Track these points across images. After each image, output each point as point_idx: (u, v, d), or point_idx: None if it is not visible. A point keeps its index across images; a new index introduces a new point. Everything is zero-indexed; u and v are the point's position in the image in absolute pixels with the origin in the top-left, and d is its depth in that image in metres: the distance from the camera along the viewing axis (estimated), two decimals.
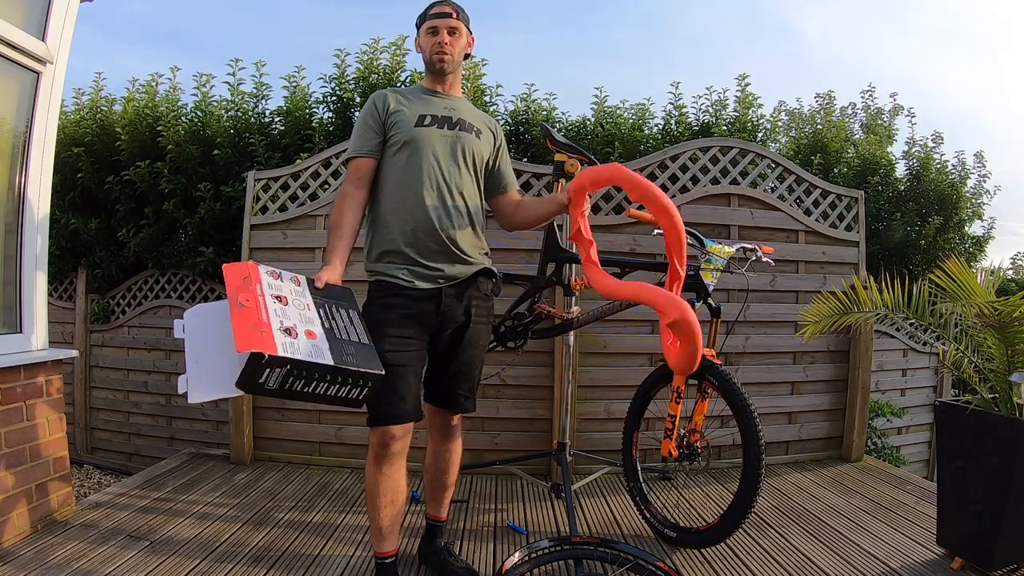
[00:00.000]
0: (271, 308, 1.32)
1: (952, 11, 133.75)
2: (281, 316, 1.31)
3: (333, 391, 1.32)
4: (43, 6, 2.13)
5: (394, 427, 1.55)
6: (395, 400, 1.54)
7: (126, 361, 3.98)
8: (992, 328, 1.91)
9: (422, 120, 1.66)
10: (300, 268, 2.98)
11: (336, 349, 1.33)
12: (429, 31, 1.70)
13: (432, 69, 1.73)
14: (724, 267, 2.06)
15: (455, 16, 1.70)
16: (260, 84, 3.72)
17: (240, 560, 1.90)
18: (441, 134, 1.67)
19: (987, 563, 1.80)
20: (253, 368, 1.19)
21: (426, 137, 1.64)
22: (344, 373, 1.31)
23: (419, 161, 1.63)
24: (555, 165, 2.24)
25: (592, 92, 3.76)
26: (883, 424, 3.57)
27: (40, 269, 2.18)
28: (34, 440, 2.07)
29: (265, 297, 1.34)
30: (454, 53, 1.71)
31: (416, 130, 1.64)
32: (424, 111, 1.68)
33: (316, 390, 1.30)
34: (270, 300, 1.34)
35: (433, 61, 1.70)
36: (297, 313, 1.37)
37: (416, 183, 1.62)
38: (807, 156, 4.13)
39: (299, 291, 1.46)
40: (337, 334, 1.39)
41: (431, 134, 1.65)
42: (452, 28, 1.69)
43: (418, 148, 1.63)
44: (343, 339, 1.39)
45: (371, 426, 1.57)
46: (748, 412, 1.85)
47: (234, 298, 1.29)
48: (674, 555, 1.99)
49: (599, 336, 2.89)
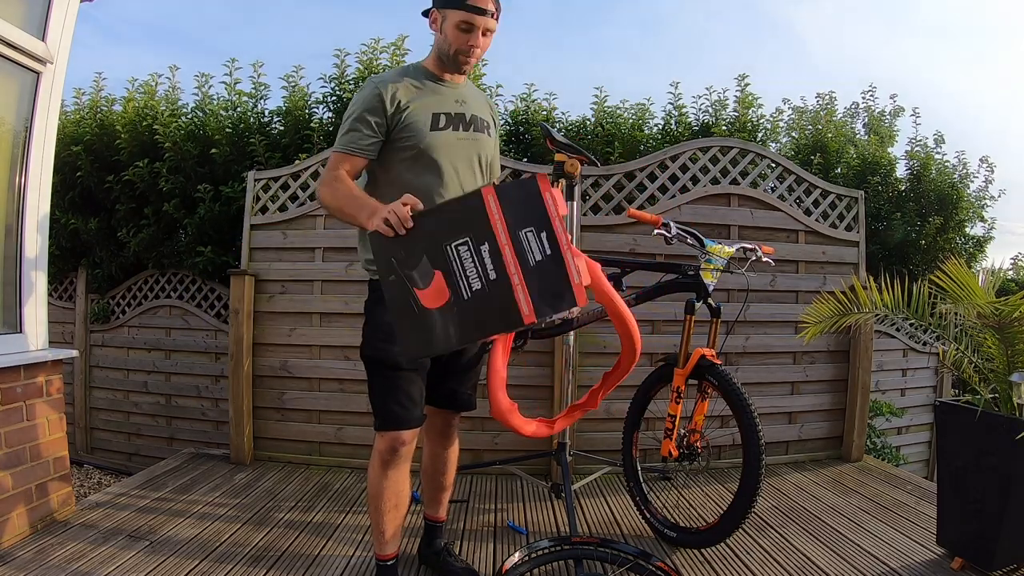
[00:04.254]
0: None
1: (952, 11, 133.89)
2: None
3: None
4: (43, 6, 2.12)
5: (405, 432, 1.52)
6: (409, 405, 1.52)
7: (126, 361, 3.98)
8: (992, 328, 1.91)
9: (436, 122, 1.53)
10: (300, 268, 3.03)
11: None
12: (462, 25, 1.46)
13: (449, 64, 1.55)
14: (724, 267, 2.06)
15: (495, 14, 1.50)
16: (259, 84, 3.72)
17: (240, 560, 1.90)
18: (457, 138, 1.55)
19: (987, 563, 1.80)
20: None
21: (443, 144, 1.53)
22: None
23: (437, 171, 1.52)
24: (555, 165, 2.24)
25: (592, 92, 3.77)
26: (883, 424, 3.57)
27: (40, 269, 2.18)
28: (34, 440, 2.06)
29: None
30: (480, 56, 1.55)
31: (432, 135, 1.51)
32: (437, 108, 1.54)
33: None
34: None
35: (457, 60, 1.53)
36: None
37: (432, 192, 1.51)
38: (807, 156, 4.13)
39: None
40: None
41: (447, 139, 1.54)
42: (488, 29, 1.50)
43: (435, 157, 1.52)
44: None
45: (381, 431, 1.53)
46: (748, 412, 1.85)
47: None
48: (674, 555, 1.99)
49: (599, 336, 2.89)
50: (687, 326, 2.06)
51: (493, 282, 1.19)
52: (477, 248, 1.21)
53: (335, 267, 2.98)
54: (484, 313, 1.20)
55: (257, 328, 3.02)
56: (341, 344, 2.95)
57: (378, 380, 1.54)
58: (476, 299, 1.20)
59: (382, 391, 1.53)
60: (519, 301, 1.17)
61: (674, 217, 2.73)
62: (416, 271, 1.23)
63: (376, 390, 1.55)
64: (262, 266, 3.04)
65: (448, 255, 1.22)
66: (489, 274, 1.20)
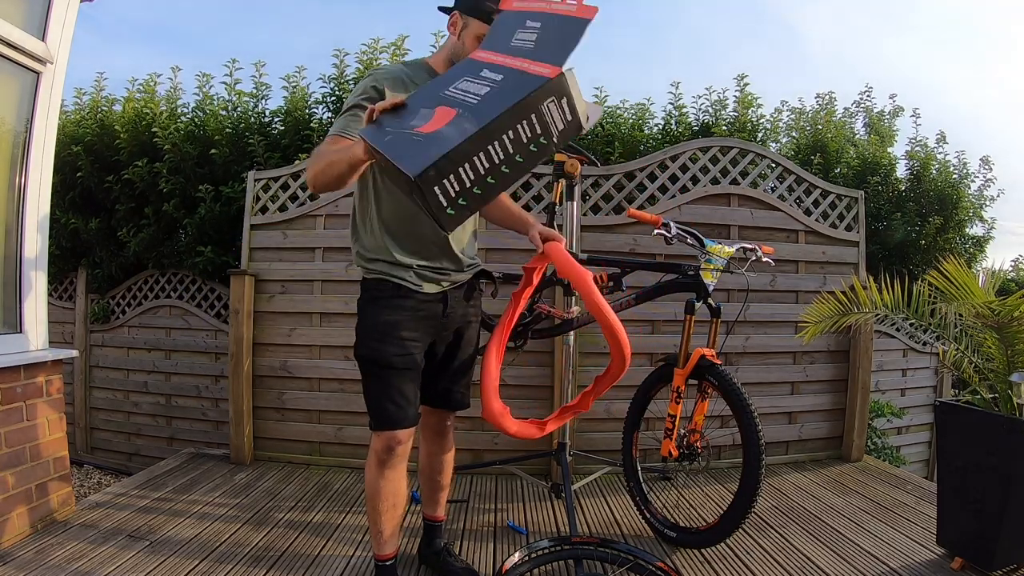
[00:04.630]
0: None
1: (953, 9, 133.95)
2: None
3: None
4: (43, 6, 2.13)
5: (400, 432, 1.53)
6: (403, 404, 1.52)
7: (126, 361, 3.98)
8: (992, 328, 1.91)
9: None
10: (300, 268, 3.03)
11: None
12: (483, 39, 1.45)
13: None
14: (724, 267, 2.06)
15: None
16: (259, 84, 3.72)
17: (240, 560, 1.90)
18: None
19: (987, 563, 1.80)
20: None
21: None
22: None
23: None
24: (555, 165, 2.24)
25: (592, 92, 3.77)
26: (883, 424, 3.57)
27: (40, 269, 2.18)
28: (34, 440, 2.07)
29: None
30: None
31: None
32: None
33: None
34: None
35: None
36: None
37: None
38: (807, 156, 4.13)
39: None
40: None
41: None
42: None
43: None
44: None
45: (376, 431, 1.54)
46: (748, 412, 1.85)
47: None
48: (674, 555, 1.99)
49: (599, 336, 2.89)
50: (687, 326, 2.06)
51: (501, 80, 1.13)
52: (476, 74, 1.17)
53: (335, 267, 2.99)
54: (505, 94, 1.10)
55: (257, 328, 3.02)
56: (341, 344, 2.95)
57: (372, 379, 1.55)
58: (489, 95, 1.12)
59: (376, 390, 1.54)
60: (535, 71, 1.10)
61: (674, 217, 2.74)
62: (414, 120, 1.15)
63: (370, 390, 1.55)
64: (262, 266, 3.05)
65: (447, 95, 1.17)
66: (494, 78, 1.14)
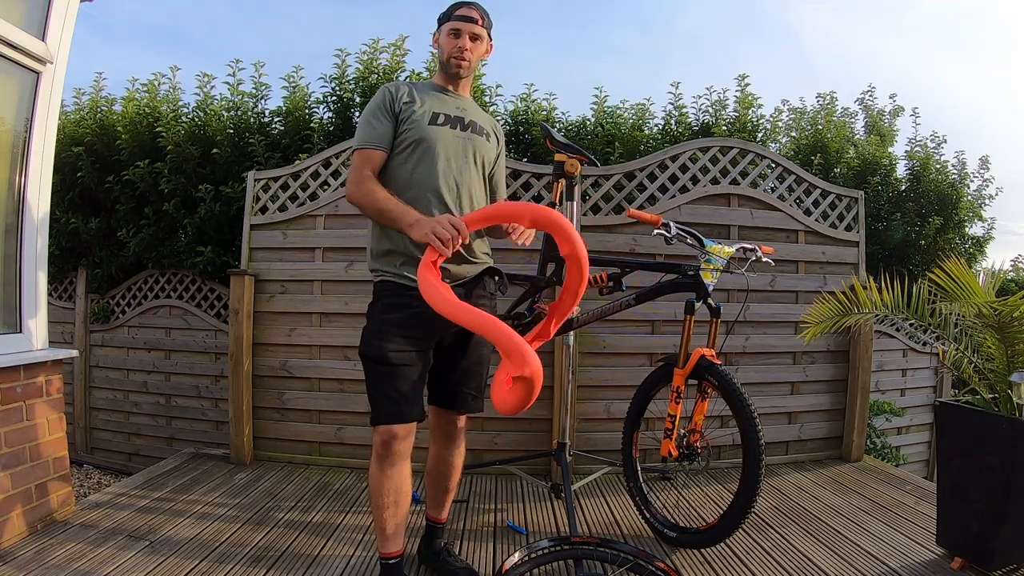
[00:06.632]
0: None
1: (953, 9, 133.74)
2: None
3: None
4: (43, 6, 2.12)
5: (396, 427, 1.54)
6: (399, 399, 1.54)
7: (126, 361, 3.98)
8: (992, 328, 1.91)
9: (436, 118, 1.63)
10: (300, 268, 3.03)
11: None
12: (452, 32, 1.66)
13: (447, 71, 1.70)
14: (724, 267, 2.06)
15: (480, 22, 1.67)
16: (259, 84, 3.73)
17: (240, 560, 1.90)
18: (454, 134, 1.64)
19: (987, 563, 1.80)
20: None
21: (439, 136, 1.61)
22: None
23: (433, 160, 1.59)
24: (555, 165, 2.24)
25: (592, 92, 3.77)
26: (883, 424, 3.57)
27: (40, 269, 2.18)
28: (34, 440, 2.06)
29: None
30: (472, 59, 1.69)
31: (430, 128, 1.61)
32: (438, 109, 1.65)
33: None
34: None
35: (450, 64, 1.68)
36: None
37: (430, 183, 1.59)
38: (807, 156, 4.13)
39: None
40: None
41: (444, 133, 1.62)
42: (475, 34, 1.67)
43: (431, 147, 1.60)
44: None
45: (374, 425, 1.57)
46: (748, 412, 1.84)
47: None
48: (674, 555, 1.99)
49: (599, 336, 2.89)
50: (687, 326, 2.06)
51: None
52: None
53: (335, 267, 2.99)
54: None
55: (257, 328, 3.02)
56: (341, 344, 2.95)
57: (371, 376, 1.59)
58: None
59: (375, 386, 1.58)
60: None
61: (674, 217, 2.74)
62: None
63: (370, 385, 1.60)
64: (262, 266, 3.05)
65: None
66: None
